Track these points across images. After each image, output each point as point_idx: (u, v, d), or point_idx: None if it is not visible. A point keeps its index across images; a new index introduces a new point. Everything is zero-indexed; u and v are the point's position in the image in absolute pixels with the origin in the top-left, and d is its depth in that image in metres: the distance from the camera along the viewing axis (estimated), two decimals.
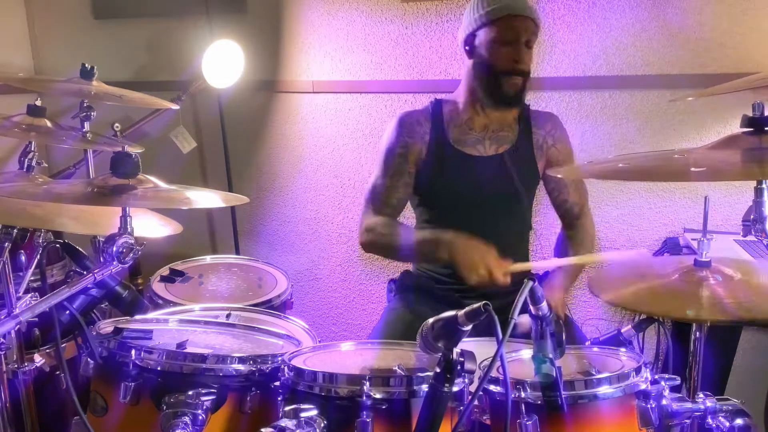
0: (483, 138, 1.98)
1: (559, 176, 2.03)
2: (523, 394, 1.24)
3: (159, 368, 1.36)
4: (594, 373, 1.30)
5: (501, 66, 1.90)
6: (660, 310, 1.38)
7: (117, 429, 1.39)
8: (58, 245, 1.93)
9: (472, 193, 1.97)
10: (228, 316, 1.71)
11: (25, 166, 2.02)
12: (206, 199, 1.50)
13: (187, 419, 1.27)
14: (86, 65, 2.16)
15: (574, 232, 2.08)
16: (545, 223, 2.52)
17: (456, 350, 1.13)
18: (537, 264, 1.94)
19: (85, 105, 2.28)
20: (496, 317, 1.09)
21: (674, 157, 1.30)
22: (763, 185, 1.24)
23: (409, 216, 2.13)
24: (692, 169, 1.18)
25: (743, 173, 1.23)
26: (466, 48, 1.97)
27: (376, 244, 1.99)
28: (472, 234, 1.98)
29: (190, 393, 1.31)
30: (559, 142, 2.04)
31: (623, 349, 1.45)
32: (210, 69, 2.71)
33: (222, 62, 2.72)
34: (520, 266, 1.76)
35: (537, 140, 2.01)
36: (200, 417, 1.28)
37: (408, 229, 2.01)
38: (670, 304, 1.38)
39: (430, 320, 1.19)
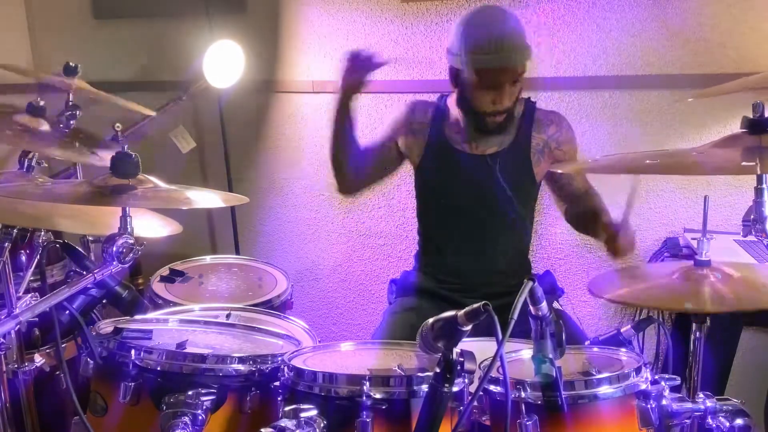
0: (477, 138, 1.97)
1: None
2: (523, 394, 1.24)
3: (159, 368, 1.36)
4: (594, 373, 1.30)
5: (481, 107, 1.88)
6: (659, 305, 1.39)
7: (117, 429, 1.39)
8: (58, 245, 1.93)
9: (458, 190, 1.98)
10: (228, 316, 1.71)
11: (25, 166, 2.02)
12: (206, 199, 1.50)
13: (187, 419, 1.27)
14: (70, 63, 2.17)
15: (586, 196, 2.04)
16: (546, 222, 2.53)
17: (456, 350, 1.13)
18: None
19: (70, 104, 2.27)
20: (496, 317, 1.09)
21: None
22: (763, 185, 1.24)
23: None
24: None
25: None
26: (451, 74, 1.94)
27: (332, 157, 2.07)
28: (477, 232, 1.99)
29: (190, 393, 1.31)
30: (565, 144, 2.02)
31: (623, 350, 1.45)
32: (211, 69, 2.71)
33: (222, 62, 2.73)
34: None
35: (537, 144, 1.98)
36: (200, 417, 1.28)
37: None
38: (669, 298, 1.39)
39: (430, 320, 1.19)
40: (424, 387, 1.22)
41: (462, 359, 1.13)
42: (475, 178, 1.95)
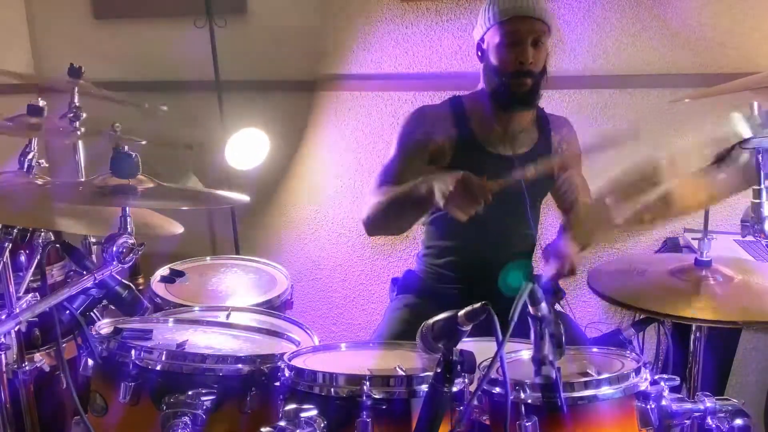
0: (504, 138, 1.97)
1: (566, 176, 2.03)
2: (522, 395, 1.24)
3: (159, 368, 1.36)
4: (594, 374, 1.30)
5: (507, 67, 1.88)
6: (659, 310, 1.39)
7: (117, 429, 1.39)
8: (58, 245, 1.93)
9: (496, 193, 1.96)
10: (228, 316, 1.71)
11: (25, 166, 2.02)
12: (206, 199, 1.50)
13: (187, 419, 1.27)
14: (74, 65, 2.16)
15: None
16: (546, 223, 2.52)
17: (456, 350, 1.13)
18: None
19: (73, 106, 2.27)
20: (496, 318, 1.09)
21: None
22: (763, 185, 1.24)
23: None
24: None
25: None
26: (478, 53, 1.97)
27: (375, 215, 1.90)
28: (485, 232, 1.97)
29: (190, 393, 1.31)
30: (571, 146, 2.05)
31: (626, 351, 1.45)
32: (234, 154, 2.76)
33: (247, 149, 2.78)
34: (498, 183, 1.67)
35: (554, 144, 2.02)
36: (200, 417, 1.29)
37: (399, 187, 1.90)
38: (669, 304, 1.39)
39: (430, 320, 1.19)
40: (424, 387, 1.22)
41: (462, 359, 1.13)
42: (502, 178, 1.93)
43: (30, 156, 2.01)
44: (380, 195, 1.91)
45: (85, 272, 1.37)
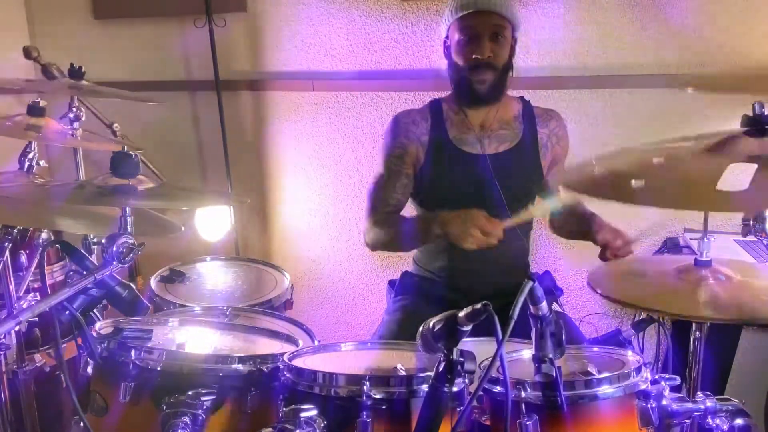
0: (482, 136, 1.97)
1: (556, 170, 2.03)
2: (523, 394, 1.24)
3: (159, 368, 1.36)
4: (594, 373, 1.30)
5: (466, 62, 1.90)
6: (658, 308, 1.38)
7: (117, 429, 1.39)
8: (58, 245, 1.93)
9: (472, 192, 1.96)
10: (228, 316, 1.71)
11: (25, 166, 2.02)
12: (206, 199, 1.50)
13: (187, 419, 1.26)
14: (74, 65, 2.17)
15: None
16: (544, 222, 2.52)
17: (456, 350, 1.13)
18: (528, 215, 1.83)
19: (74, 106, 2.28)
20: (496, 317, 1.09)
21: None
22: None
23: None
24: None
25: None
26: (445, 51, 2.00)
27: (379, 241, 2.02)
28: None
29: (190, 393, 1.30)
30: (562, 140, 2.04)
31: (630, 352, 1.44)
32: (202, 224, 2.84)
33: (213, 220, 2.88)
34: (513, 221, 1.77)
35: (541, 138, 2.00)
36: (200, 417, 1.28)
37: (405, 218, 2.03)
38: (669, 302, 1.38)
39: (431, 321, 1.19)
40: (424, 387, 1.22)
41: (462, 359, 1.13)
42: (480, 178, 1.94)
43: (30, 156, 2.01)
44: (381, 224, 2.00)
45: (85, 272, 1.37)
